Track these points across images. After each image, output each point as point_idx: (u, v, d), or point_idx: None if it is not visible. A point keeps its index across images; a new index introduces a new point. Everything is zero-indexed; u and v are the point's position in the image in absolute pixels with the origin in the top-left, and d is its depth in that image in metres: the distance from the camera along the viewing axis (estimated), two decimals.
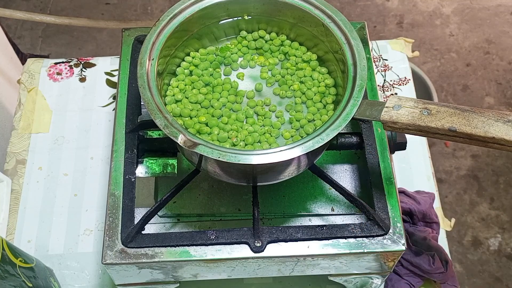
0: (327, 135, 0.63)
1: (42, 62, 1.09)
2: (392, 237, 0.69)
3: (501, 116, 0.57)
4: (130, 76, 0.81)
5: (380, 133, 0.76)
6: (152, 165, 0.77)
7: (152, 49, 0.71)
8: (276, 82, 0.77)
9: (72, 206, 0.94)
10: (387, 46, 1.11)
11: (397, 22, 2.06)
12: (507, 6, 2.09)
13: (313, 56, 0.78)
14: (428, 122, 0.59)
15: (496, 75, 1.94)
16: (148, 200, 0.79)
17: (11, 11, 1.04)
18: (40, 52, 1.99)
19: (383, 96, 1.04)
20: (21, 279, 0.72)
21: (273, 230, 0.69)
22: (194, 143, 0.62)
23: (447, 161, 1.78)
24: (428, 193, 0.92)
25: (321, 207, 0.77)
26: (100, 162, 0.98)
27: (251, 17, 0.79)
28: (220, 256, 0.68)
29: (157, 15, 2.05)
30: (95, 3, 2.11)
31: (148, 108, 0.65)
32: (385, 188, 0.72)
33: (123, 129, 0.76)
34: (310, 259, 0.70)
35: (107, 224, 0.70)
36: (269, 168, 0.68)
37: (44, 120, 1.02)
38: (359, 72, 0.68)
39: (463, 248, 1.64)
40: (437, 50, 2.00)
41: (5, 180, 0.94)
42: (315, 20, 0.74)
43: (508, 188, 1.73)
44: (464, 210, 1.70)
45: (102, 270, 0.88)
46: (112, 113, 1.02)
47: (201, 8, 0.75)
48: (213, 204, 0.77)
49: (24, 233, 0.91)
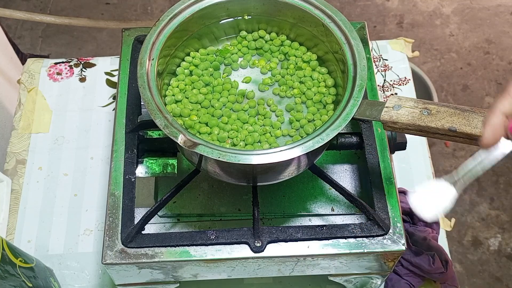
0: (327, 135, 0.63)
1: (42, 62, 1.09)
2: (392, 237, 0.69)
3: None
4: (130, 76, 0.81)
5: (380, 133, 0.76)
6: (152, 165, 0.77)
7: (152, 49, 0.71)
8: (276, 82, 0.77)
9: (72, 206, 0.94)
10: (387, 46, 1.10)
11: (397, 22, 2.06)
12: (507, 6, 2.09)
13: (313, 56, 0.78)
14: (428, 122, 0.59)
15: (496, 75, 1.94)
16: (148, 200, 0.79)
17: (11, 11, 1.04)
18: (40, 52, 1.99)
19: (383, 96, 1.04)
20: (21, 279, 0.72)
21: (273, 230, 0.69)
22: (194, 143, 0.62)
23: (447, 161, 1.78)
24: None
25: (321, 207, 0.77)
26: (100, 162, 0.98)
27: (251, 17, 0.79)
28: (220, 256, 0.68)
29: (157, 15, 2.05)
30: (95, 3, 2.11)
31: (148, 108, 0.65)
32: (385, 188, 0.72)
33: (123, 129, 0.76)
34: (310, 259, 0.70)
35: (107, 224, 0.70)
36: (269, 168, 0.68)
37: (44, 120, 1.02)
38: (359, 72, 0.68)
39: (463, 248, 1.64)
40: (437, 50, 2.00)
41: (5, 180, 0.94)
42: (315, 20, 0.74)
43: (508, 188, 1.73)
44: (464, 210, 1.70)
45: (102, 270, 0.88)
46: (112, 113, 1.02)
47: (201, 8, 0.75)
48: (213, 204, 0.77)
49: (24, 233, 0.91)
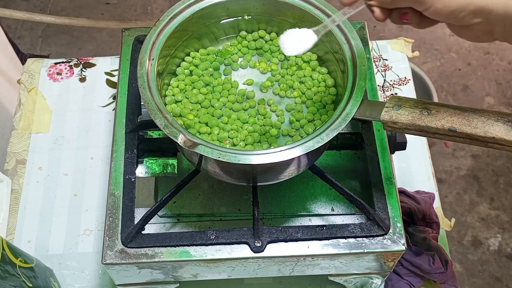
0: (327, 135, 0.63)
1: (42, 62, 1.09)
2: (392, 237, 0.69)
3: (501, 116, 0.57)
4: (130, 76, 0.81)
5: (380, 133, 0.76)
6: (152, 165, 0.77)
7: (152, 49, 0.71)
8: (276, 82, 0.77)
9: (72, 206, 0.94)
10: (387, 46, 1.10)
11: None
12: None
13: (313, 56, 0.78)
14: (428, 122, 0.59)
15: (496, 75, 1.94)
16: (148, 200, 0.79)
17: (11, 11, 1.04)
18: (40, 52, 1.99)
19: (383, 96, 1.04)
20: (21, 279, 0.72)
21: (273, 230, 0.69)
22: (194, 143, 0.62)
23: (447, 161, 1.78)
24: (428, 193, 0.92)
25: (321, 207, 0.77)
26: (100, 162, 0.98)
27: (251, 17, 0.79)
28: (220, 256, 0.68)
29: (157, 15, 2.05)
30: (95, 3, 2.11)
31: (148, 108, 0.65)
32: (385, 188, 0.72)
33: (123, 129, 0.76)
34: (310, 259, 0.69)
35: (107, 224, 0.70)
36: (269, 168, 0.68)
37: (44, 120, 1.02)
38: (359, 72, 0.68)
39: (463, 248, 1.64)
40: (437, 50, 2.00)
41: (5, 180, 0.94)
42: (315, 20, 0.74)
43: (508, 188, 1.73)
44: (464, 210, 1.70)
45: (102, 270, 0.88)
46: (112, 113, 1.02)
47: (201, 8, 0.75)
48: (213, 204, 0.77)
49: (24, 233, 0.91)
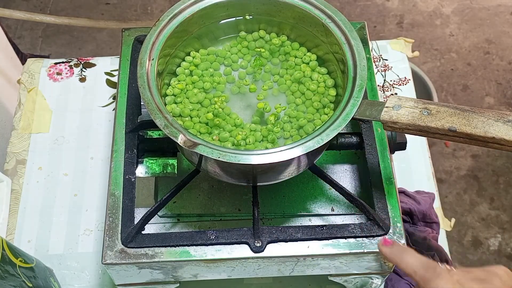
0: (327, 135, 0.63)
1: (42, 62, 1.09)
2: (392, 237, 0.69)
3: (501, 116, 0.57)
4: (130, 76, 0.81)
5: (380, 133, 0.76)
6: (152, 165, 0.77)
7: (152, 49, 0.71)
8: (275, 82, 0.77)
9: (72, 206, 0.94)
10: (387, 46, 1.10)
11: (397, 22, 2.06)
12: (507, 6, 2.09)
13: (312, 56, 0.78)
14: (428, 122, 0.59)
15: (496, 75, 1.94)
16: (148, 200, 0.79)
17: (11, 11, 1.04)
18: (40, 52, 1.98)
19: (383, 96, 1.04)
20: (21, 279, 0.72)
21: (273, 230, 0.69)
22: (194, 143, 0.62)
23: (447, 161, 1.78)
24: (428, 193, 0.92)
25: (321, 207, 0.77)
26: (100, 162, 0.98)
27: (252, 17, 0.79)
28: (220, 256, 0.68)
29: (157, 15, 2.05)
30: (95, 3, 2.11)
31: (148, 108, 0.65)
32: (385, 188, 0.72)
33: (123, 129, 0.76)
34: (310, 259, 0.69)
35: (107, 224, 0.70)
36: (269, 168, 0.68)
37: (44, 120, 1.02)
38: (359, 72, 0.68)
39: (463, 248, 1.64)
40: (437, 50, 2.00)
41: (5, 180, 0.94)
42: (315, 20, 0.74)
43: (508, 188, 1.73)
44: (464, 210, 1.70)
45: (102, 270, 0.88)
46: (112, 113, 1.02)
47: (201, 8, 0.75)
48: (213, 204, 0.77)
49: (24, 233, 0.91)
